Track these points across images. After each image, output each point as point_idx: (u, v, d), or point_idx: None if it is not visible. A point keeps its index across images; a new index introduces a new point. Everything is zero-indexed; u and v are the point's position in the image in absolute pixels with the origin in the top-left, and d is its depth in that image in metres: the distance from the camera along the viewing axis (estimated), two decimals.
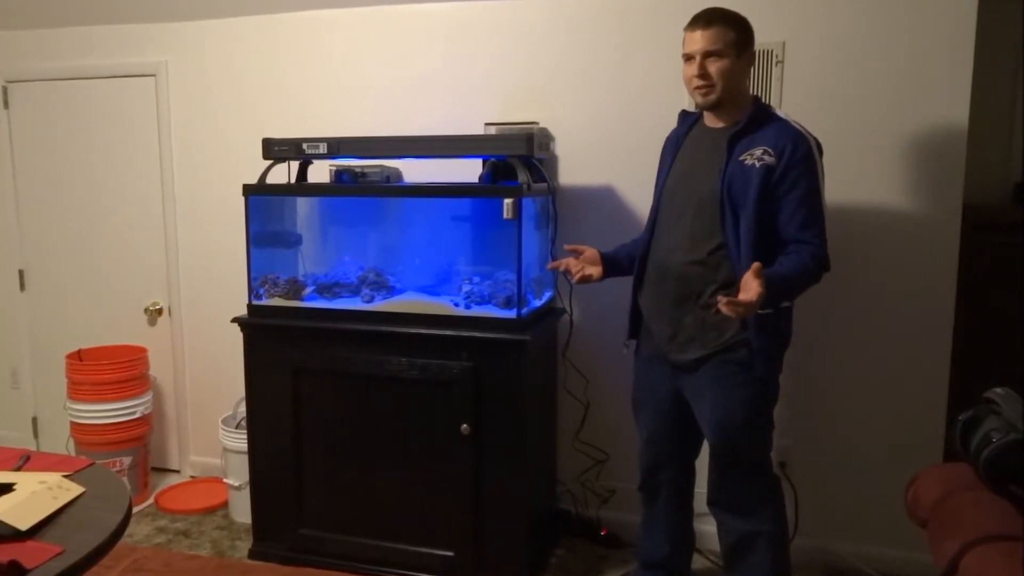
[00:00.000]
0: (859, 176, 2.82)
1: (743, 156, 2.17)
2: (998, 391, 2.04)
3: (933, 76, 2.70)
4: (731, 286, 2.18)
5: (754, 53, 2.29)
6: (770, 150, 2.14)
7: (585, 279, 2.50)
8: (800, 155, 2.12)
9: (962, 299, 2.78)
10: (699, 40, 2.20)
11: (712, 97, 2.22)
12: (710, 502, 2.41)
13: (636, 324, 2.52)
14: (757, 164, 2.14)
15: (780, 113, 2.26)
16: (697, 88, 2.23)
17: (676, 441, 2.50)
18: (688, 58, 2.24)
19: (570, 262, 2.53)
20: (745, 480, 2.34)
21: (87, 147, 3.85)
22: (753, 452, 2.33)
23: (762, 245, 2.16)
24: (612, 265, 2.53)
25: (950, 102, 2.69)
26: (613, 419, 3.13)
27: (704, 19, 2.20)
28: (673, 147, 2.42)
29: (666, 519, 2.59)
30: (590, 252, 2.54)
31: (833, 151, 2.82)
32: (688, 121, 2.43)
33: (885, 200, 2.80)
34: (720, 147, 2.23)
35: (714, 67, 2.19)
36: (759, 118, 2.21)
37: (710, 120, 2.33)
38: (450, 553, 2.79)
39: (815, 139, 2.19)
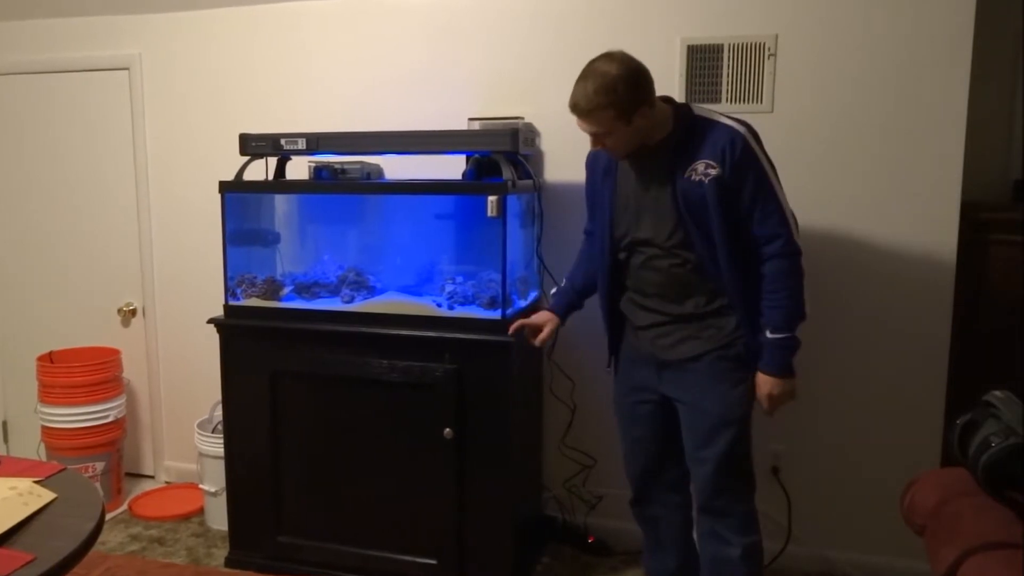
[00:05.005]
0: (855, 173, 2.80)
1: (687, 173, 2.17)
2: (997, 394, 2.02)
3: (931, 70, 2.68)
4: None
5: (648, 101, 2.14)
6: (711, 162, 2.13)
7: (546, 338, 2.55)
8: (739, 152, 2.12)
9: (960, 298, 2.76)
10: (586, 125, 2.18)
11: (623, 155, 2.23)
12: (705, 509, 2.36)
13: (614, 341, 2.49)
14: (705, 180, 2.14)
15: (702, 112, 2.22)
16: (610, 154, 2.24)
17: (666, 445, 2.44)
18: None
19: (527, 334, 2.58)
20: (739, 485, 2.32)
21: (57, 143, 3.80)
22: (745, 452, 2.33)
23: (737, 254, 2.18)
24: (570, 307, 2.61)
25: (948, 97, 2.67)
26: (600, 423, 3.08)
27: (580, 109, 2.14)
28: (607, 168, 2.36)
29: (668, 533, 2.54)
30: (535, 318, 2.57)
31: (828, 148, 2.81)
32: None
33: (882, 198, 2.78)
34: (663, 168, 2.21)
35: (611, 141, 2.18)
36: (688, 129, 2.19)
37: None
38: (433, 561, 2.76)
39: (746, 126, 2.17)
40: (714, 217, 2.14)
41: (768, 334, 2.17)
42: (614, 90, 2.09)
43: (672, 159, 2.19)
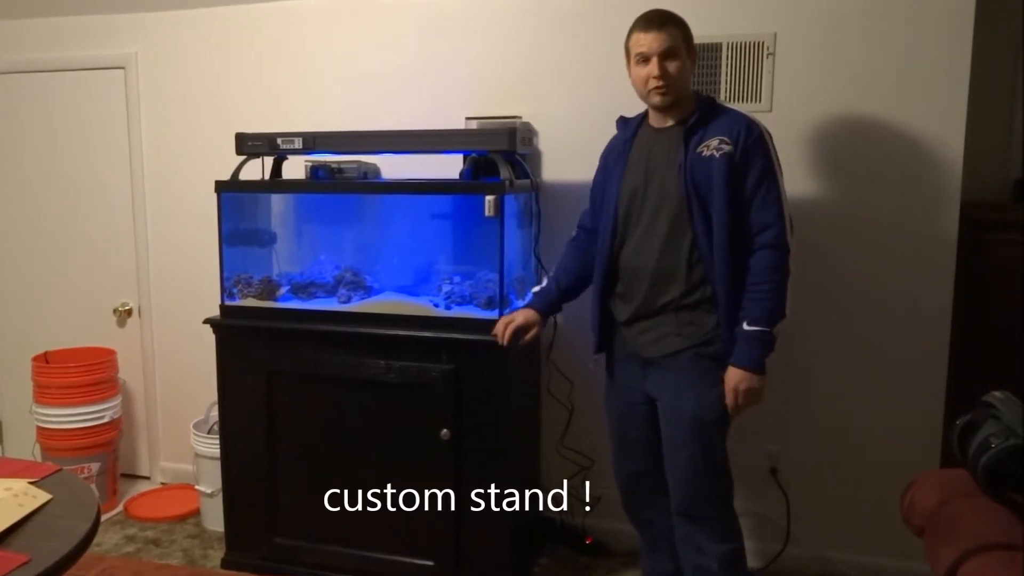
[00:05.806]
0: (854, 172, 2.78)
1: (699, 149, 2.22)
2: (997, 395, 2.01)
3: (930, 68, 2.67)
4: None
5: (696, 50, 2.36)
6: (725, 139, 2.20)
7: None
8: (754, 138, 2.20)
9: (960, 299, 2.74)
10: (655, 41, 2.23)
11: (670, 97, 2.26)
12: (681, 513, 2.35)
13: (603, 335, 2.49)
14: (716, 154, 2.19)
15: (723, 103, 2.34)
16: (656, 89, 2.25)
17: (654, 444, 2.43)
18: (643, 59, 2.26)
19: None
20: (716, 490, 2.31)
21: (53, 142, 3.78)
22: (722, 455, 2.32)
23: (732, 241, 2.19)
24: (551, 308, 2.59)
25: (948, 96, 2.66)
26: (599, 424, 3.05)
27: (657, 20, 2.25)
28: (620, 154, 2.42)
29: (663, 536, 2.52)
30: (522, 318, 2.54)
31: (826, 147, 2.80)
32: (631, 126, 2.43)
33: (881, 197, 2.77)
34: (675, 144, 2.26)
35: (672, 67, 2.23)
36: (708, 111, 2.27)
37: (658, 121, 2.35)
38: (430, 562, 2.75)
39: (764, 127, 2.26)
40: (717, 196, 2.17)
41: (745, 326, 2.17)
42: (680, 17, 2.29)
43: (688, 136, 2.24)
